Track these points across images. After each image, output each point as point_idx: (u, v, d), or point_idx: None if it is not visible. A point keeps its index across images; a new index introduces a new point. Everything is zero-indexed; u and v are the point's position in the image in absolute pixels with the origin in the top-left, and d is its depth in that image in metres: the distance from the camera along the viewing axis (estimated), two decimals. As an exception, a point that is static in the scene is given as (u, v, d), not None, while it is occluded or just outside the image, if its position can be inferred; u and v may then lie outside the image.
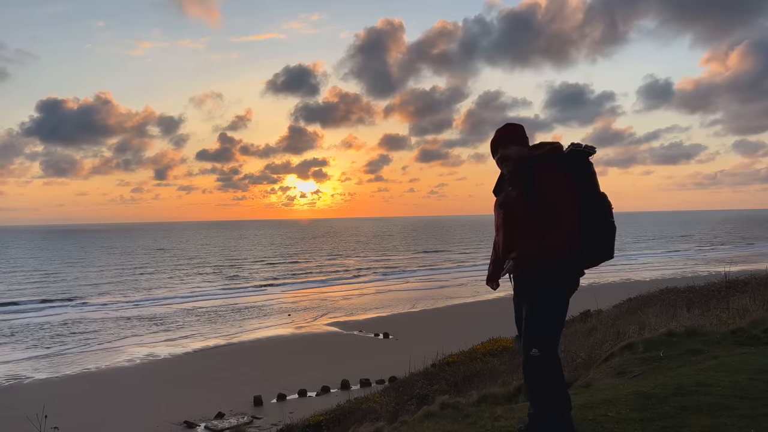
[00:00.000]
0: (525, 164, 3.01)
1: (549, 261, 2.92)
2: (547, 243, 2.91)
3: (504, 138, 3.11)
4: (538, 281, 2.95)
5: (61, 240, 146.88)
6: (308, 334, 24.72)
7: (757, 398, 3.68)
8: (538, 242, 2.91)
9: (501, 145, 3.09)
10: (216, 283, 46.67)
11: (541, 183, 2.93)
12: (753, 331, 5.58)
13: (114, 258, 76.93)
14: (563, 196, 2.91)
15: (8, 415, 13.83)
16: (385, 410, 8.64)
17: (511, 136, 3.10)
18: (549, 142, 3.09)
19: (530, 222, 2.93)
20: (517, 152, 3.06)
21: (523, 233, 2.96)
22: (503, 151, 3.07)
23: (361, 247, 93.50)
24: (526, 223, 2.95)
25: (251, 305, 33.86)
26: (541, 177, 2.94)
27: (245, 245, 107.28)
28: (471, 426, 3.82)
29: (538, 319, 2.96)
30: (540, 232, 2.90)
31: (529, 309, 2.98)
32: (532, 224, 2.92)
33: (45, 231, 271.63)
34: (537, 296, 2.96)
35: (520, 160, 3.04)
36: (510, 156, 3.05)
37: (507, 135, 3.11)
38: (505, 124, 3.18)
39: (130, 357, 21.13)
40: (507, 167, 3.08)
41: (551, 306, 2.97)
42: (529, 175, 2.96)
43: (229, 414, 14.24)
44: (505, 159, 3.07)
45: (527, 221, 2.94)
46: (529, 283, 3.00)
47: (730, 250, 65.42)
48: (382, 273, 52.43)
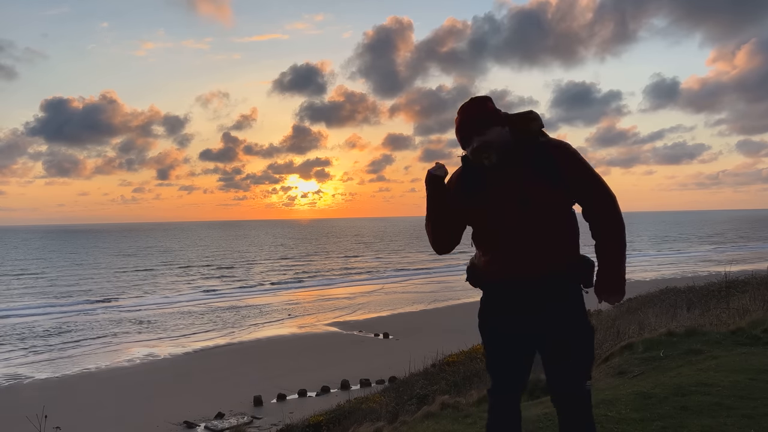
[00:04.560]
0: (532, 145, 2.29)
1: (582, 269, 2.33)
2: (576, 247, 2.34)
3: (478, 120, 2.28)
4: (575, 298, 2.31)
5: (61, 240, 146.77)
6: (308, 334, 24.71)
7: (757, 398, 3.68)
8: (576, 246, 2.33)
9: (476, 130, 2.27)
10: (216, 283, 46.65)
11: (565, 164, 2.25)
12: (753, 331, 5.58)
13: (114, 258, 76.89)
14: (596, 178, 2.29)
15: (8, 415, 13.83)
16: (385, 410, 8.64)
17: (486, 116, 2.28)
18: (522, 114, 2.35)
19: (566, 220, 2.29)
20: (502, 135, 2.27)
21: (561, 237, 2.28)
22: (481, 137, 2.26)
23: (361, 248, 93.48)
24: (561, 223, 2.27)
25: (251, 305, 33.84)
26: (559, 154, 2.27)
27: (245, 245, 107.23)
28: (471, 426, 3.82)
29: (589, 347, 2.31)
30: (574, 233, 2.32)
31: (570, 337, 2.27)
32: (569, 223, 2.30)
33: (44, 231, 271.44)
34: (579, 318, 2.30)
35: (515, 144, 2.29)
36: (492, 142, 2.25)
37: (480, 115, 2.28)
38: (471, 100, 2.34)
39: (130, 357, 21.12)
40: (491, 157, 2.26)
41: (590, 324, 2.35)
42: (546, 155, 2.26)
43: (229, 414, 14.23)
44: (487, 147, 2.25)
45: (564, 220, 2.28)
46: (560, 303, 2.27)
47: (730, 250, 65.40)
48: (381, 273, 52.41)
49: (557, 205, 2.25)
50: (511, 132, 2.29)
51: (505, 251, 2.28)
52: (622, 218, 2.31)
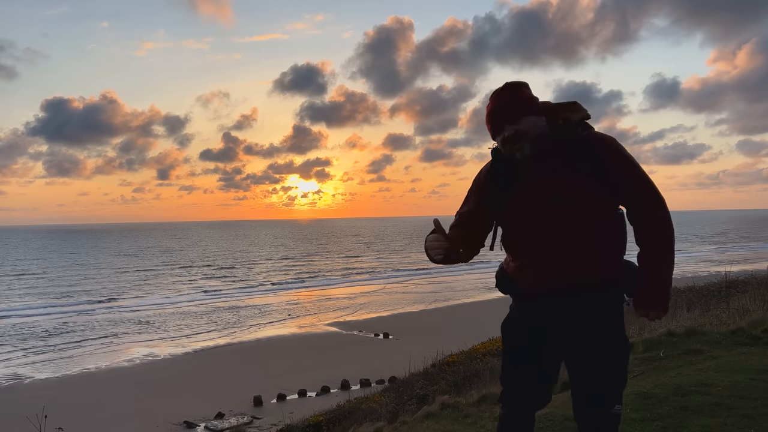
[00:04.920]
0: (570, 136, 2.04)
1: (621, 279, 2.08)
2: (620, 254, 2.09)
3: (511, 107, 2.04)
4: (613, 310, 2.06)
5: (62, 240, 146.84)
6: (308, 334, 24.71)
7: (757, 398, 3.68)
8: (619, 253, 2.09)
9: (508, 118, 2.03)
10: (216, 283, 46.66)
11: (608, 160, 1.99)
12: (753, 331, 5.58)
13: (114, 258, 76.91)
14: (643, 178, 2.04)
15: (8, 415, 13.83)
16: (385, 410, 8.63)
17: (522, 104, 2.05)
18: (565, 104, 2.12)
19: (608, 223, 2.03)
20: (537, 126, 2.03)
21: (600, 242, 2.01)
22: (514, 126, 2.01)
23: (361, 248, 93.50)
24: (602, 226, 2.00)
25: (251, 305, 33.85)
26: (603, 149, 2.00)
27: (245, 245, 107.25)
28: (471, 426, 3.82)
29: (624, 366, 2.07)
30: (620, 236, 2.08)
31: (603, 354, 2.01)
32: (611, 226, 2.04)
33: (44, 231, 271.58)
34: (616, 333, 2.05)
35: (553, 136, 2.05)
36: (526, 132, 2.01)
37: (516, 103, 2.04)
38: (505, 85, 2.10)
39: (130, 357, 21.13)
40: (523, 149, 2.02)
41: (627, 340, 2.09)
42: (587, 150, 2.00)
43: (229, 414, 14.23)
44: (521, 138, 2.01)
45: (605, 223, 2.01)
46: (595, 316, 2.02)
47: (731, 250, 65.39)
48: (382, 273, 52.43)
49: (597, 206, 1.98)
50: (548, 123, 2.05)
51: (536, 256, 2.03)
52: (671, 223, 2.05)
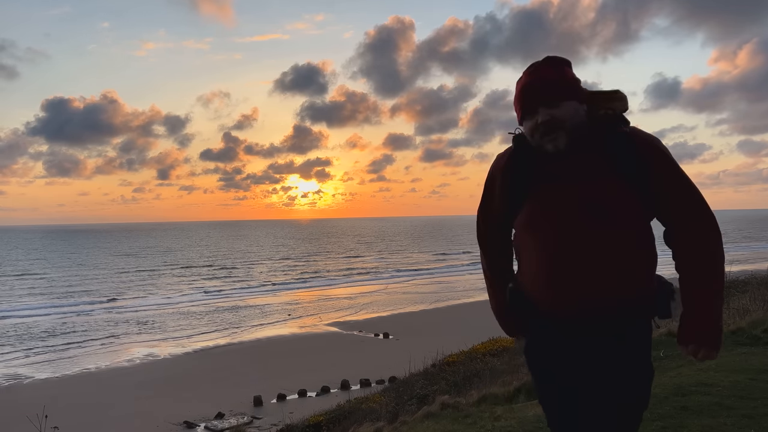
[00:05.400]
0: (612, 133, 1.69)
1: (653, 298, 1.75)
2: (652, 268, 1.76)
3: (553, 87, 1.68)
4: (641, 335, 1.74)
5: (62, 240, 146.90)
6: (308, 334, 24.71)
7: (757, 398, 3.68)
8: (652, 272, 1.76)
9: (546, 100, 1.67)
10: (216, 283, 46.68)
11: (651, 165, 1.67)
12: (753, 331, 5.58)
13: (114, 258, 76.95)
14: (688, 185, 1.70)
15: (8, 415, 13.84)
16: (385, 410, 8.63)
17: (566, 85, 1.69)
18: (606, 92, 1.76)
19: (644, 238, 1.70)
20: (578, 114, 1.68)
21: (636, 258, 1.69)
22: (551, 111, 1.66)
23: (362, 248, 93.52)
24: (638, 241, 1.69)
25: (251, 305, 33.86)
26: (647, 151, 1.67)
27: (246, 245, 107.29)
28: (471, 426, 3.82)
29: (646, 394, 1.75)
30: (652, 254, 1.74)
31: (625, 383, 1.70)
32: (647, 241, 1.71)
33: (45, 231, 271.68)
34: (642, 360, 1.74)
35: (591, 128, 1.70)
36: (564, 120, 1.65)
37: (558, 83, 1.68)
38: (546, 58, 1.73)
39: (130, 357, 21.13)
40: (558, 140, 1.67)
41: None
42: (629, 149, 1.67)
43: (229, 414, 14.23)
44: (557, 126, 1.65)
45: (641, 237, 1.70)
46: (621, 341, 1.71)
47: (732, 250, 65.39)
48: (383, 273, 52.43)
49: (636, 216, 1.66)
50: (587, 112, 1.71)
51: (560, 271, 1.68)
52: (721, 245, 1.70)
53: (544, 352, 1.82)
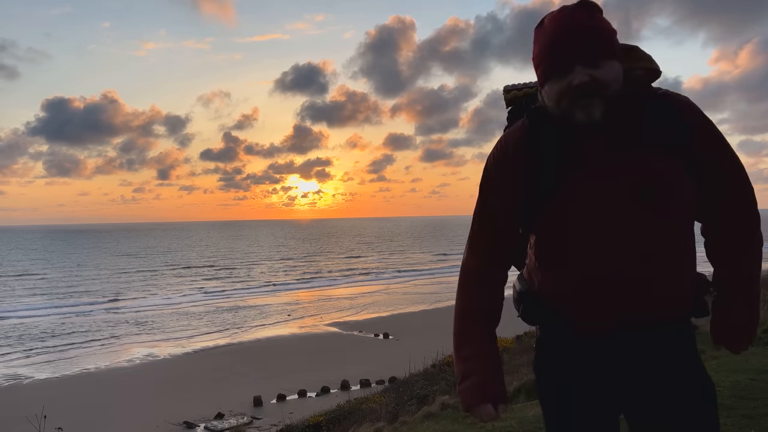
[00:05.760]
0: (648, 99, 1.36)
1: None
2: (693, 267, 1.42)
3: (597, 40, 1.28)
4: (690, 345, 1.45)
5: (62, 240, 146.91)
6: (308, 334, 24.72)
7: (757, 398, 3.68)
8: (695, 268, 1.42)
9: (586, 57, 1.27)
10: (217, 283, 46.69)
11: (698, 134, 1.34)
12: (753, 332, 5.56)
13: (115, 258, 76.96)
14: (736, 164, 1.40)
15: (8, 415, 13.83)
16: (385, 410, 8.63)
17: (610, 38, 1.30)
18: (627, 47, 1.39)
19: (692, 226, 1.39)
20: (618, 78, 1.30)
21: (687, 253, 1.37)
22: (591, 71, 1.26)
23: (362, 248, 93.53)
24: (688, 230, 1.36)
25: (251, 305, 33.87)
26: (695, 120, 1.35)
27: (246, 245, 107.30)
28: (471, 426, 3.82)
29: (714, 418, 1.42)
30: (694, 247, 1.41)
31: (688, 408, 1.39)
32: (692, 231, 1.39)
33: (45, 231, 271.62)
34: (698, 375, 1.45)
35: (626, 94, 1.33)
36: (608, 84, 1.27)
37: (600, 32, 1.29)
38: (580, 2, 1.31)
39: (130, 357, 21.14)
40: (593, 110, 1.27)
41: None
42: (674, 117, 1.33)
43: (229, 414, 14.23)
44: (597, 91, 1.26)
45: (691, 225, 1.38)
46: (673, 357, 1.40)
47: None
48: (383, 273, 52.44)
49: (690, 200, 1.33)
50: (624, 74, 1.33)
51: (606, 274, 1.32)
52: (760, 229, 1.43)
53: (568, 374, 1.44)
